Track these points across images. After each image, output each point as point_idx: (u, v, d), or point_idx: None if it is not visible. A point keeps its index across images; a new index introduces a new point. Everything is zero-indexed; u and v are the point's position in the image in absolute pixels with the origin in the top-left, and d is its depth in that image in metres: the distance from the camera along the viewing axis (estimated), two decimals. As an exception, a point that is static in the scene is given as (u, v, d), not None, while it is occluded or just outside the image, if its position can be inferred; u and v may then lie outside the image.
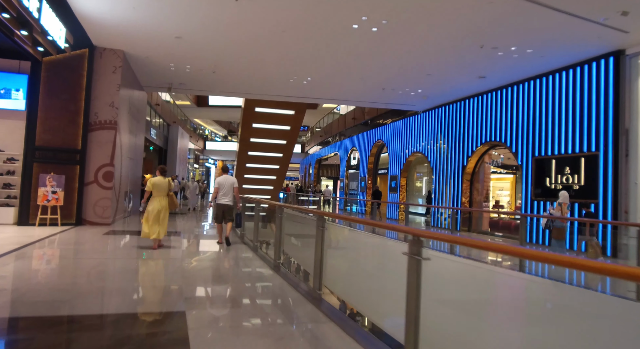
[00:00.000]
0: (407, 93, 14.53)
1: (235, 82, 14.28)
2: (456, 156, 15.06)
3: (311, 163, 38.45)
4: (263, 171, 20.61)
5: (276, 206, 6.35)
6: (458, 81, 12.88)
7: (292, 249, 6.52)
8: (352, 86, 14.11)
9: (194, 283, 5.40)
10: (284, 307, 4.55)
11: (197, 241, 9.78)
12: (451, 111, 15.40)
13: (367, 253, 4.51)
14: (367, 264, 4.41)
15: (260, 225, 8.58)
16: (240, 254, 7.85)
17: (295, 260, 6.60)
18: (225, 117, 49.00)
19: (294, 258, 6.56)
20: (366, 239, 4.96)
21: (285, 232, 6.34)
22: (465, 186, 14.70)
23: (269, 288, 5.45)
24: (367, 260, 4.44)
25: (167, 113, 27.12)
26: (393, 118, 20.07)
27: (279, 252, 6.29)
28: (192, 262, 6.90)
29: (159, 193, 7.57)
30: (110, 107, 11.15)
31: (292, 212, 6.40)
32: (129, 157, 13.56)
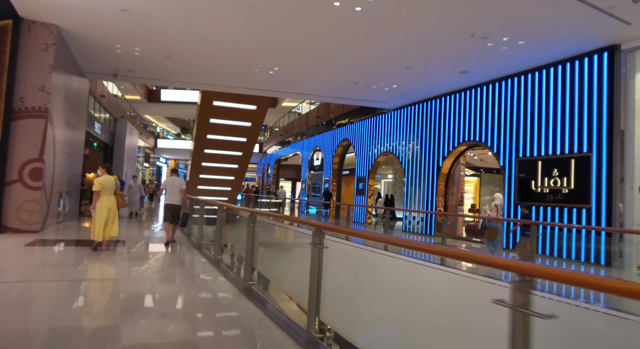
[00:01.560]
0: (381, 88, 13.53)
1: (192, 71, 12.71)
2: (431, 157, 14.23)
3: (270, 164, 36.98)
4: (220, 171, 19.02)
5: (249, 214, 5.03)
6: (437, 76, 12.00)
7: (270, 267, 5.22)
8: (323, 79, 12.92)
9: (135, 319, 3.99)
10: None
11: (142, 253, 8.21)
12: (426, 109, 14.56)
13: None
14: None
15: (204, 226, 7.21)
16: (199, 270, 6.44)
17: (273, 282, 5.29)
18: (178, 114, 46.50)
19: (273, 280, 5.23)
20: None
21: (258, 245, 5.02)
22: (440, 189, 13.89)
23: (241, 324, 4.13)
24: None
25: (113, 107, 24.84)
26: (361, 117, 19.09)
27: (250, 271, 4.97)
28: (135, 283, 5.43)
29: (107, 191, 7.43)
30: (40, 92, 9.34)
31: (270, 221, 5.09)
32: (65, 153, 11.67)
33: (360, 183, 18.63)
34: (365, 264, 3.18)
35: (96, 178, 7.48)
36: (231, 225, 8.51)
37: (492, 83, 11.83)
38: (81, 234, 10.31)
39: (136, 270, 6.04)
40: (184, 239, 9.97)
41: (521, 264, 1.76)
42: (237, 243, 6.84)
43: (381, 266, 2.99)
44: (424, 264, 2.82)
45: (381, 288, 3.01)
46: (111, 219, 7.34)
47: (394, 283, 2.82)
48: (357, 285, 3.23)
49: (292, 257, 4.48)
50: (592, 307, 2.58)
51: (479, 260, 1.97)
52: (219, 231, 6.61)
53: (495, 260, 1.92)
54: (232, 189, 20.09)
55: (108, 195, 7.44)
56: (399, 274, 2.76)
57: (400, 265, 2.83)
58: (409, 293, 2.73)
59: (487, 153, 16.58)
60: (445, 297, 2.43)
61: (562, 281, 1.65)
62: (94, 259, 6.87)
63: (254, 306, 4.39)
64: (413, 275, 2.75)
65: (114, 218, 7.46)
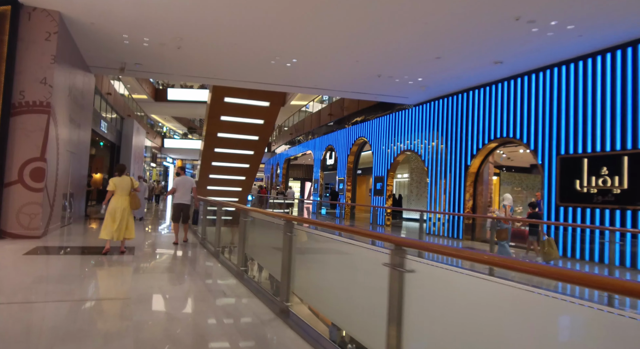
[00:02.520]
0: (404, 82, 12.65)
1: (204, 63, 11.90)
2: (458, 155, 13.33)
3: (279, 163, 36.19)
4: (231, 170, 18.23)
5: (286, 221, 4.20)
6: (469, 67, 11.10)
7: (313, 290, 4.30)
8: (344, 71, 12.07)
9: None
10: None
11: (154, 263, 7.39)
12: (452, 104, 13.65)
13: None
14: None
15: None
16: (222, 285, 5.62)
17: (323, 313, 4.35)
18: (185, 114, 45.87)
19: (322, 309, 4.28)
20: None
21: (297, 259, 4.18)
22: (468, 189, 13.00)
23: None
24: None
25: (120, 106, 24.14)
26: (377, 114, 18.22)
27: (287, 290, 4.14)
28: (149, 303, 4.61)
29: (122, 192, 7.30)
30: (42, 85, 8.56)
31: (315, 232, 4.22)
32: (70, 151, 10.92)
33: (378, 183, 17.76)
34: (473, 297, 2.32)
35: (112, 178, 7.38)
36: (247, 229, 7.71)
37: (529, 74, 10.91)
38: (87, 239, 9.54)
39: (149, 286, 5.23)
40: (196, 243, 9.17)
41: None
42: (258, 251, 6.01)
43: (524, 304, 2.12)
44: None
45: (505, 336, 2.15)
46: (125, 220, 7.23)
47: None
48: (466, 331, 2.37)
49: (347, 280, 3.61)
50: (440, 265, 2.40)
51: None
52: (242, 240, 5.78)
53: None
54: (243, 189, 19.32)
55: (122, 195, 7.30)
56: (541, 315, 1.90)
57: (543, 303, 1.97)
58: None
59: (517, 151, 15.66)
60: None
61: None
62: (101, 270, 6.08)
63: (295, 336, 3.57)
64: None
65: (129, 219, 7.35)
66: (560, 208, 9.90)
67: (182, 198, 9.15)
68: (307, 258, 4.28)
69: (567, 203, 9.77)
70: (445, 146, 13.85)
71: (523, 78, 11.12)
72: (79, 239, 9.49)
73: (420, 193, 22.46)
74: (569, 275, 1.71)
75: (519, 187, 22.12)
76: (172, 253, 8.08)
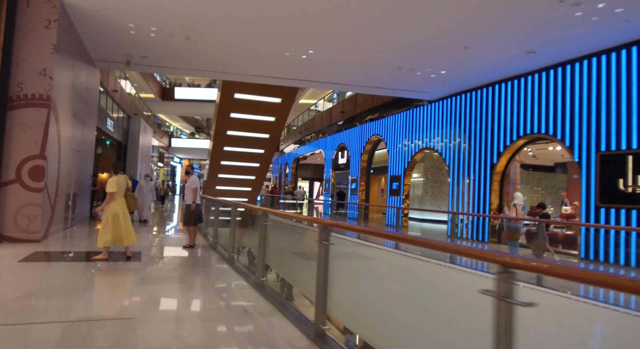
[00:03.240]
0: (426, 75, 11.91)
1: (214, 56, 11.24)
2: (483, 153, 12.55)
3: (288, 163, 35.52)
4: (241, 170, 17.58)
5: (322, 227, 3.49)
6: (498, 58, 10.33)
7: (363, 315, 3.56)
8: (363, 64, 11.33)
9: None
10: None
11: (164, 274, 6.71)
12: (476, 98, 12.87)
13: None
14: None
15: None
16: (240, 298, 4.93)
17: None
18: (192, 113, 45.41)
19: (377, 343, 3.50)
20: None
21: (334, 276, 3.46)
22: (494, 189, 12.22)
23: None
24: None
25: (127, 104, 23.59)
26: (393, 111, 17.47)
27: (322, 310, 3.43)
28: (160, 325, 3.92)
29: (121, 193, 6.71)
30: (42, 77, 7.93)
31: (361, 243, 3.50)
32: (73, 149, 10.30)
33: (394, 182, 17.01)
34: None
35: (111, 178, 6.69)
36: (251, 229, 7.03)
37: (564, 65, 10.12)
38: (92, 243, 8.89)
39: (158, 302, 4.55)
40: (206, 246, 8.49)
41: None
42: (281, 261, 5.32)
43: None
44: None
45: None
46: (127, 224, 6.62)
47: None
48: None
49: (416, 306, 2.84)
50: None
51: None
52: (262, 247, 5.08)
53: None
54: (253, 189, 18.67)
55: (121, 197, 6.73)
56: None
57: None
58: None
59: (546, 148, 14.84)
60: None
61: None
62: (103, 281, 5.41)
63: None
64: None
65: (129, 223, 6.72)
66: (601, 209, 9.11)
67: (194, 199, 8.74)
68: (348, 272, 3.56)
69: (608, 204, 8.98)
70: (469, 143, 13.08)
71: (557, 70, 10.32)
72: (82, 243, 8.86)
73: (436, 193, 21.68)
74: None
75: (539, 187, 21.28)
76: (182, 258, 7.41)
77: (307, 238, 3.90)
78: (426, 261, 2.60)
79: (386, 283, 3.17)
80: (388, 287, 3.14)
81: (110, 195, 6.51)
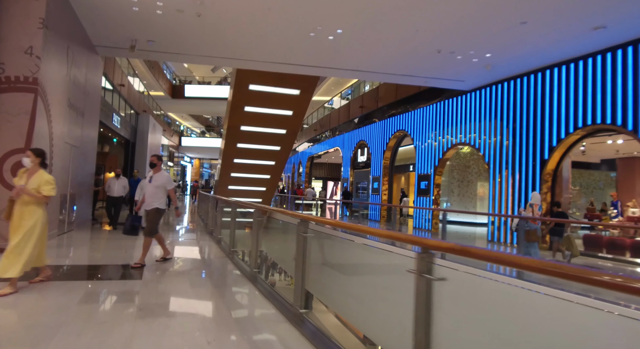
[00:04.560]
0: (467, 59, 10.50)
1: (229, 39, 9.94)
2: (531, 148, 11.09)
3: (301, 162, 34.25)
4: (255, 168, 16.31)
5: (421, 249, 2.15)
6: (559, 36, 8.89)
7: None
8: (397, 46, 9.96)
9: None
10: None
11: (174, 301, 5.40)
12: (523, 87, 11.39)
13: None
14: None
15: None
16: (277, 343, 3.60)
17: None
18: (202, 111, 44.45)
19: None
20: None
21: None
22: (544, 189, 10.77)
23: None
24: None
25: (135, 100, 22.45)
26: (420, 104, 16.06)
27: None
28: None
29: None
30: (27, 56, 6.70)
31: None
32: (70, 144, 9.09)
33: (422, 181, 15.60)
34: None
35: (49, 175, 4.69)
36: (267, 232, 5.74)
37: (636, 43, 8.67)
38: (90, 252, 7.66)
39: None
40: (222, 256, 7.18)
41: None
42: (333, 288, 3.98)
43: None
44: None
45: None
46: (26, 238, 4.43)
47: None
48: None
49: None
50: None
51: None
52: (301, 267, 3.76)
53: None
54: (268, 189, 17.41)
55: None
56: None
57: None
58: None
59: (604, 142, 13.32)
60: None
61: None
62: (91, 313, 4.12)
63: None
64: None
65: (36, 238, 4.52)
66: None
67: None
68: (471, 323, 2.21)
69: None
70: (514, 138, 11.63)
71: (626, 49, 8.86)
72: (78, 252, 7.61)
73: (463, 193, 20.21)
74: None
75: (576, 186, 19.74)
76: (195, 275, 6.11)
77: (384, 265, 2.57)
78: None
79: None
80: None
81: (47, 199, 4.61)
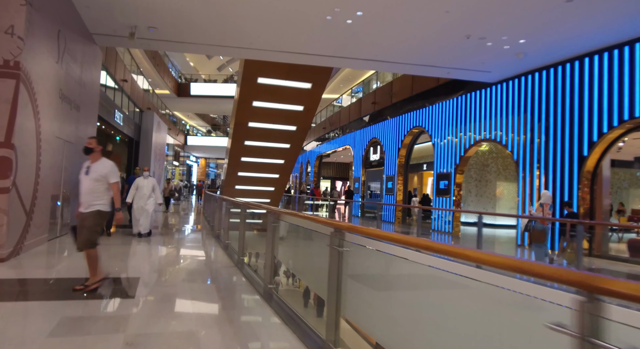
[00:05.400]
0: (498, 46, 9.55)
1: (237, 25, 9.07)
2: (567, 145, 10.11)
3: (310, 161, 33.38)
4: (263, 167, 15.44)
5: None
6: (606, 17, 7.91)
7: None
8: (421, 31, 9.03)
9: None
10: None
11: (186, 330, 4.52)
12: (557, 77, 10.40)
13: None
14: None
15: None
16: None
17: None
18: (208, 110, 43.73)
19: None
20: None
21: None
22: (582, 189, 9.79)
23: None
24: None
25: (138, 96, 21.67)
26: (438, 99, 15.11)
27: None
28: None
29: None
30: (7, 36, 5.85)
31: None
32: (63, 140, 8.26)
33: (441, 181, 14.64)
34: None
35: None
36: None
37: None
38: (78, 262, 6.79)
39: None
40: (230, 264, 6.29)
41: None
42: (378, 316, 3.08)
43: None
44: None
45: None
46: None
47: None
48: None
49: None
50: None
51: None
52: (336, 292, 2.86)
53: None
54: (276, 189, 16.54)
55: None
56: None
57: None
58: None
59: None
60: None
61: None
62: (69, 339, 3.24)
63: None
64: None
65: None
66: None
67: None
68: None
69: None
70: (546, 133, 10.65)
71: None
72: (69, 262, 6.74)
73: (481, 193, 19.21)
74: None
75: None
76: (198, 291, 5.23)
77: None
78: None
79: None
80: None
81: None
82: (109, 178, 4.70)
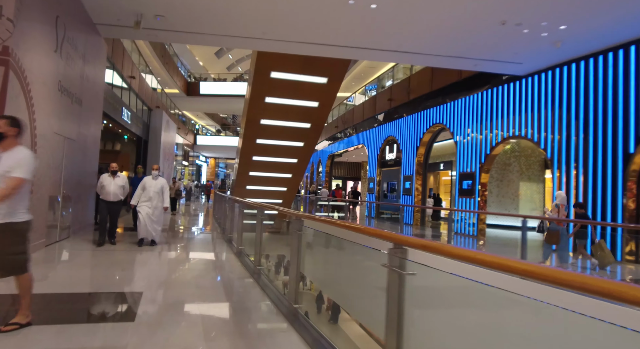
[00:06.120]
0: (535, 33, 8.73)
1: (250, 11, 8.37)
2: (610, 141, 9.26)
3: (321, 161, 32.65)
4: (275, 166, 14.73)
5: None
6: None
7: None
8: (452, 16, 8.25)
9: None
10: None
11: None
12: (596, 68, 9.53)
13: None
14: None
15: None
16: None
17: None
18: (218, 109, 43.14)
19: None
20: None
21: None
22: (629, 189, 8.93)
23: None
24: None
25: (147, 94, 21.10)
26: (460, 94, 14.27)
27: None
28: None
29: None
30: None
31: None
32: (63, 136, 7.60)
33: (465, 181, 13.81)
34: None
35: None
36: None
37: None
38: (84, 271, 6.12)
39: None
40: (246, 276, 5.57)
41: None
42: None
43: None
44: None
45: None
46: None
47: None
48: None
49: None
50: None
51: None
52: (395, 324, 2.11)
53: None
54: (288, 189, 15.82)
55: None
56: None
57: None
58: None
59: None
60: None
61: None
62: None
63: None
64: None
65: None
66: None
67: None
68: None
69: None
70: (585, 128, 9.79)
71: None
72: (65, 271, 6.06)
73: (502, 193, 18.31)
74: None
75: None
76: (209, 311, 4.51)
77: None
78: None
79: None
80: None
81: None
82: (12, 170, 3.26)
